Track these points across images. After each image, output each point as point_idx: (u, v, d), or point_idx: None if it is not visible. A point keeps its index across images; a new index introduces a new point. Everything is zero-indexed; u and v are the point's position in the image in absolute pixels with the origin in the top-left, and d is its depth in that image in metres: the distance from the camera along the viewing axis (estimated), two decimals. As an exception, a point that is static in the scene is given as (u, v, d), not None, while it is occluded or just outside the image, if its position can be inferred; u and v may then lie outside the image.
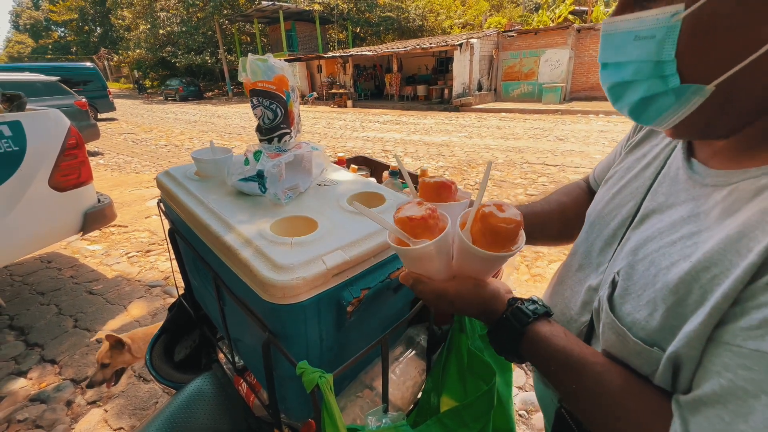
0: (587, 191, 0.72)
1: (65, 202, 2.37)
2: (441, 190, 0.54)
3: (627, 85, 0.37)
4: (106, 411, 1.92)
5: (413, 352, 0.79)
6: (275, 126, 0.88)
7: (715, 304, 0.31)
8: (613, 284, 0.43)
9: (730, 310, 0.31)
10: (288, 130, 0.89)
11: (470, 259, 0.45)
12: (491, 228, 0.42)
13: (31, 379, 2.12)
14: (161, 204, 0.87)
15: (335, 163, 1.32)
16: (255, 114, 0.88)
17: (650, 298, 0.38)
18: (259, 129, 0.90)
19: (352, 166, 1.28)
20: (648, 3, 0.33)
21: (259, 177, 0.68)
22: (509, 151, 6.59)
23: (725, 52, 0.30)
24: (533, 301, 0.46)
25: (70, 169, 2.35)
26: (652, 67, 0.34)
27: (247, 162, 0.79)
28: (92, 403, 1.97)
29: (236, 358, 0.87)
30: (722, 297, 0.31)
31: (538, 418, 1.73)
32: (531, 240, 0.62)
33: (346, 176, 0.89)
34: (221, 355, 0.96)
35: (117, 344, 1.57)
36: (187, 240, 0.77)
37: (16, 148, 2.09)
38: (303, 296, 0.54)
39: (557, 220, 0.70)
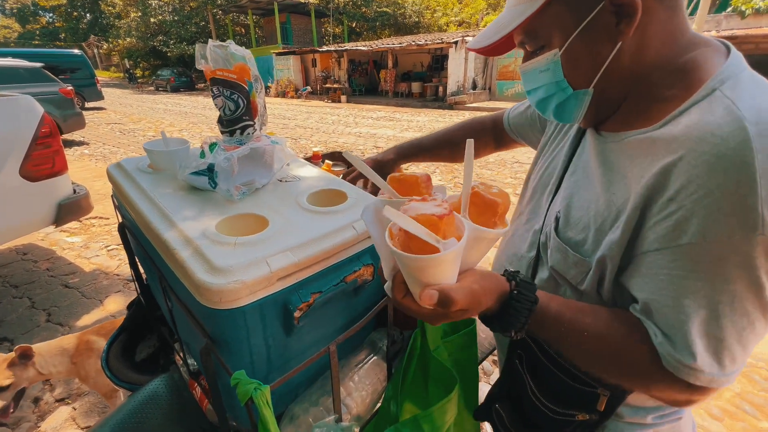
0: (492, 131, 0.96)
1: (37, 192, 2.29)
2: (425, 186, 0.48)
3: (545, 100, 0.56)
4: (75, 409, 1.87)
5: (375, 357, 0.75)
6: (237, 117, 0.84)
7: (627, 216, 0.45)
8: (557, 220, 0.58)
9: (644, 228, 0.44)
10: (251, 122, 0.85)
11: (477, 246, 0.43)
12: (491, 206, 0.42)
13: (-3, 374, 2.04)
14: (115, 198, 0.82)
15: (310, 158, 1.27)
16: (216, 104, 0.83)
17: (585, 224, 0.52)
18: (220, 120, 0.86)
19: (327, 162, 1.23)
20: (539, 51, 0.52)
21: (209, 171, 0.64)
22: (500, 150, 6.56)
23: (589, 67, 0.49)
24: (517, 272, 0.49)
25: (43, 159, 2.27)
26: (555, 86, 0.53)
27: (202, 155, 0.74)
28: (60, 400, 1.91)
29: (191, 361, 0.83)
30: (631, 210, 0.44)
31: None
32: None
33: (310, 172, 0.85)
34: (178, 357, 0.92)
35: (22, 357, 1.33)
36: (136, 236, 0.72)
37: (-16, 136, 2.01)
38: (243, 300, 0.50)
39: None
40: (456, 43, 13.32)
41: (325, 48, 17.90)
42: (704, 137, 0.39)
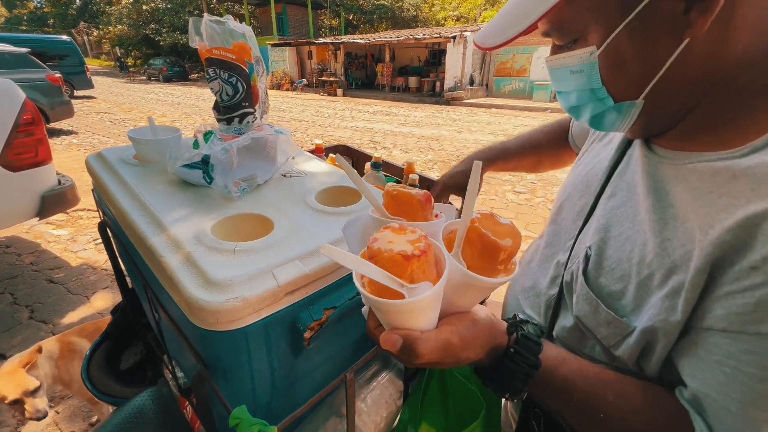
0: (564, 134, 0.79)
1: (19, 183, 2.16)
2: (420, 208, 0.39)
3: (578, 107, 0.44)
4: (58, 413, 1.77)
5: (389, 374, 0.68)
6: (235, 104, 0.74)
7: (690, 282, 0.34)
8: (587, 258, 0.46)
9: (711, 296, 0.33)
10: (251, 110, 0.76)
11: (465, 292, 0.35)
12: (493, 249, 0.33)
13: (-25, 375, 1.93)
14: (95, 193, 0.73)
15: (312, 151, 1.18)
16: (212, 88, 0.74)
17: (625, 272, 0.41)
18: (216, 107, 0.76)
19: (331, 155, 1.14)
20: (572, 45, 0.40)
21: (204, 164, 0.55)
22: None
23: (638, 73, 0.37)
24: (526, 321, 0.42)
25: (25, 147, 2.14)
26: (589, 93, 0.41)
27: (196, 145, 0.65)
28: (43, 403, 1.81)
29: (180, 375, 0.74)
30: (696, 273, 0.33)
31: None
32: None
33: (318, 167, 0.76)
34: (167, 370, 0.83)
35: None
36: (119, 236, 0.63)
37: (-40, 121, 1.88)
38: (244, 321, 0.42)
39: (530, 164, 0.84)
40: (454, 38, 13.18)
41: (321, 40, 17.64)
42: None
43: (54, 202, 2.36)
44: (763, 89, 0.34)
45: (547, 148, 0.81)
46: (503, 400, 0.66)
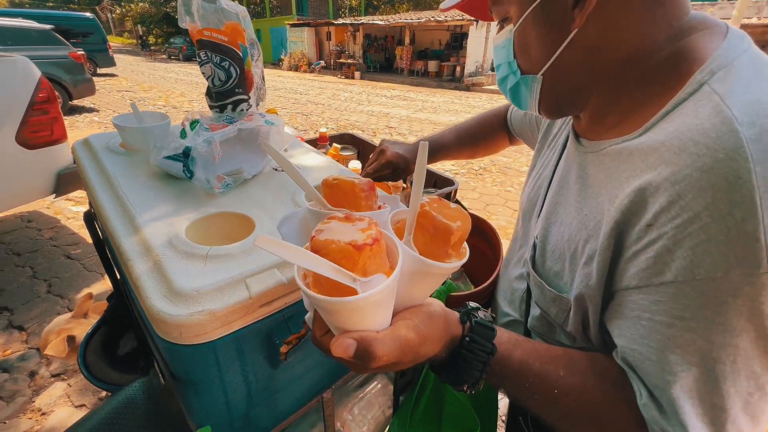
0: (503, 125, 0.87)
1: (35, 160, 2.20)
2: (364, 197, 0.36)
3: (503, 80, 0.49)
4: (70, 385, 1.83)
5: (379, 383, 0.64)
6: (228, 90, 0.70)
7: (600, 245, 0.37)
8: (534, 247, 0.51)
9: (621, 259, 0.36)
10: (245, 97, 0.71)
11: (420, 280, 0.33)
12: (445, 232, 0.31)
13: (-5, 345, 2.02)
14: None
15: (317, 140, 1.13)
16: (203, 73, 0.69)
17: (561, 252, 0.45)
18: (208, 93, 0.72)
19: (335, 144, 1.09)
20: (504, 24, 0.46)
21: (185, 156, 0.51)
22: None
23: (539, 53, 0.43)
24: (476, 308, 0.41)
25: (41, 125, 2.16)
26: (507, 66, 0.47)
27: (183, 134, 0.61)
28: (56, 375, 1.88)
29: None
30: (605, 237, 0.37)
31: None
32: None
33: (314, 160, 0.71)
34: (157, 363, 0.82)
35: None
36: (103, 229, 0.60)
37: (-22, 98, 1.90)
38: (211, 335, 0.38)
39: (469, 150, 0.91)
40: (478, 20, 12.69)
41: (340, 21, 17.30)
42: (685, 147, 0.32)
43: (69, 180, 2.40)
44: (650, 79, 0.39)
45: (483, 139, 0.89)
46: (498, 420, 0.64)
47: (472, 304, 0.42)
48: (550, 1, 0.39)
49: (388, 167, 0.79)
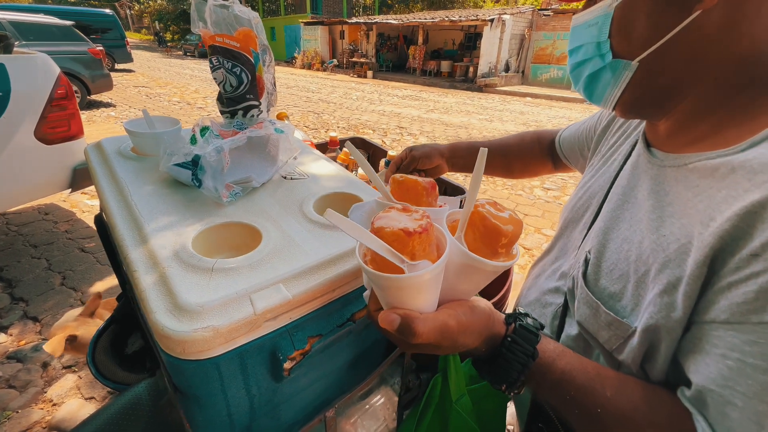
0: (546, 150, 0.81)
1: (53, 155, 2.25)
2: (425, 194, 0.41)
3: (581, 64, 0.44)
4: (81, 378, 1.87)
5: (383, 398, 0.63)
6: (239, 96, 0.70)
7: (689, 275, 0.33)
8: (586, 262, 0.46)
9: (712, 288, 0.32)
10: (255, 102, 0.71)
11: (466, 275, 0.36)
12: (494, 232, 0.34)
13: (11, 335, 2.07)
14: (97, 181, 0.71)
15: (327, 144, 1.13)
16: (215, 78, 0.69)
17: (623, 272, 0.41)
18: (220, 98, 0.72)
19: (345, 149, 1.09)
20: None
21: (194, 165, 0.51)
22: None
23: (644, 34, 0.36)
24: (525, 314, 0.41)
25: (59, 121, 2.21)
26: (594, 47, 0.41)
27: (193, 140, 0.61)
28: (68, 367, 1.92)
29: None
30: (695, 266, 0.32)
31: None
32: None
33: (324, 168, 0.71)
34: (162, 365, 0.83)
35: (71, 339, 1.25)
36: (113, 234, 0.61)
37: (0, 93, 1.95)
38: (215, 351, 0.38)
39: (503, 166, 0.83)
40: (492, 21, 12.57)
41: (354, 20, 17.30)
42: None
43: (85, 175, 2.45)
44: (762, 89, 0.34)
45: (520, 160, 0.83)
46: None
47: (522, 309, 0.43)
48: None
49: (409, 159, 0.76)
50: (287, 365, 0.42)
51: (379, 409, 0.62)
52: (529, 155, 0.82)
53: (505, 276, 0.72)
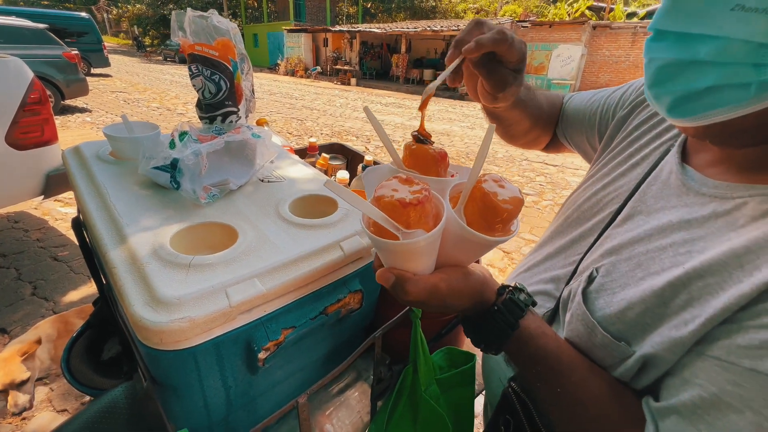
0: (550, 121, 0.68)
1: (25, 161, 2.19)
2: (435, 163, 0.42)
3: (694, 66, 0.30)
4: (52, 390, 1.81)
5: (357, 392, 0.66)
6: (218, 102, 0.73)
7: (711, 315, 0.31)
8: (590, 279, 0.43)
9: (723, 326, 0.30)
10: (234, 109, 0.74)
11: (463, 245, 0.38)
12: (492, 209, 0.35)
13: (-23, 347, 1.99)
14: (74, 185, 0.72)
15: (306, 149, 1.16)
16: (194, 85, 0.72)
17: (629, 297, 0.38)
18: (199, 104, 0.74)
19: (324, 155, 1.12)
20: None
21: (173, 168, 0.53)
22: (510, 146, 6.40)
23: None
24: (520, 290, 0.43)
25: (32, 126, 2.15)
26: (749, 50, 0.27)
27: (172, 144, 0.64)
28: (39, 379, 1.85)
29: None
30: (720, 309, 0.30)
31: None
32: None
33: (300, 171, 0.74)
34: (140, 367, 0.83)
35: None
36: (90, 236, 0.62)
37: (-32, 98, 1.89)
38: (191, 341, 0.40)
39: (531, 125, 0.65)
40: (473, 31, 12.88)
41: (337, 28, 17.44)
42: None
43: (59, 181, 2.39)
44: None
45: (541, 123, 0.67)
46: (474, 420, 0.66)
47: (520, 284, 0.44)
48: None
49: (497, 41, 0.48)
50: (261, 355, 0.44)
51: (354, 401, 0.65)
52: (542, 124, 0.67)
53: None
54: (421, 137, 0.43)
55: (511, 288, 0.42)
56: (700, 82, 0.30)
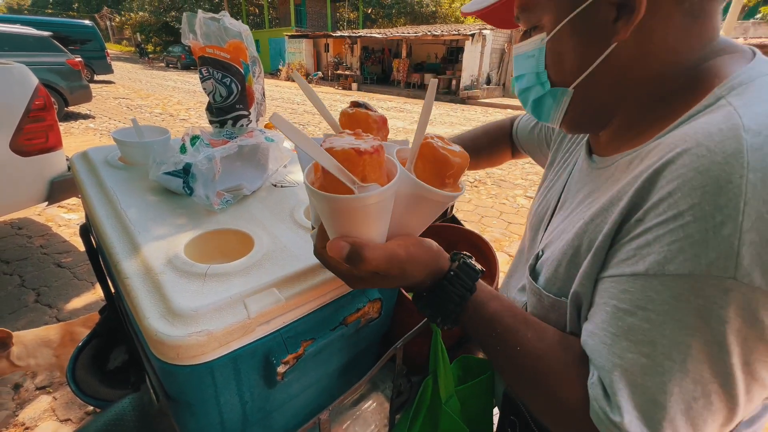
0: (507, 138, 0.85)
1: (29, 168, 2.18)
2: (376, 128, 0.42)
3: (526, 90, 0.49)
4: (56, 399, 1.78)
5: (375, 403, 0.64)
6: (229, 106, 0.71)
7: (598, 244, 0.38)
8: (537, 257, 0.50)
9: (609, 252, 0.37)
10: (245, 112, 0.72)
11: (416, 207, 0.37)
12: (443, 162, 0.35)
13: (-21, 356, 1.97)
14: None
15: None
16: (204, 89, 0.70)
17: (556, 257, 0.45)
18: (209, 108, 0.73)
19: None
20: (532, 32, 0.45)
21: (185, 173, 0.51)
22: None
23: (574, 65, 0.42)
24: (469, 255, 0.44)
25: (36, 133, 2.15)
26: (535, 77, 0.46)
27: (183, 149, 0.62)
28: (42, 388, 1.83)
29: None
30: (603, 237, 0.37)
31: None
32: None
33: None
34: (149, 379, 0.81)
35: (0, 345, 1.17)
36: (99, 244, 0.60)
37: (-27, 105, 1.89)
38: (209, 355, 0.38)
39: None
40: (473, 35, 12.96)
41: (338, 33, 17.55)
42: (689, 148, 0.32)
43: (63, 188, 2.38)
44: (671, 96, 0.39)
45: (488, 150, 0.87)
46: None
47: (465, 252, 0.45)
48: (592, 11, 0.38)
49: None
50: (281, 369, 0.42)
51: (371, 414, 0.62)
52: (496, 146, 0.87)
53: (491, 279, 0.74)
54: (360, 102, 0.42)
55: (462, 254, 0.44)
56: (531, 98, 0.48)
